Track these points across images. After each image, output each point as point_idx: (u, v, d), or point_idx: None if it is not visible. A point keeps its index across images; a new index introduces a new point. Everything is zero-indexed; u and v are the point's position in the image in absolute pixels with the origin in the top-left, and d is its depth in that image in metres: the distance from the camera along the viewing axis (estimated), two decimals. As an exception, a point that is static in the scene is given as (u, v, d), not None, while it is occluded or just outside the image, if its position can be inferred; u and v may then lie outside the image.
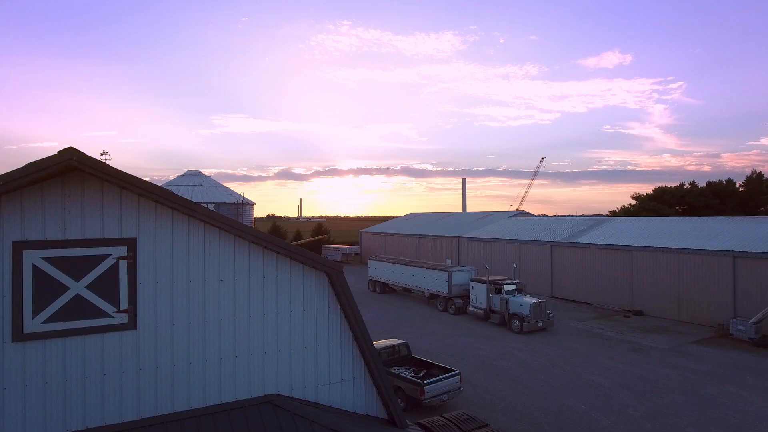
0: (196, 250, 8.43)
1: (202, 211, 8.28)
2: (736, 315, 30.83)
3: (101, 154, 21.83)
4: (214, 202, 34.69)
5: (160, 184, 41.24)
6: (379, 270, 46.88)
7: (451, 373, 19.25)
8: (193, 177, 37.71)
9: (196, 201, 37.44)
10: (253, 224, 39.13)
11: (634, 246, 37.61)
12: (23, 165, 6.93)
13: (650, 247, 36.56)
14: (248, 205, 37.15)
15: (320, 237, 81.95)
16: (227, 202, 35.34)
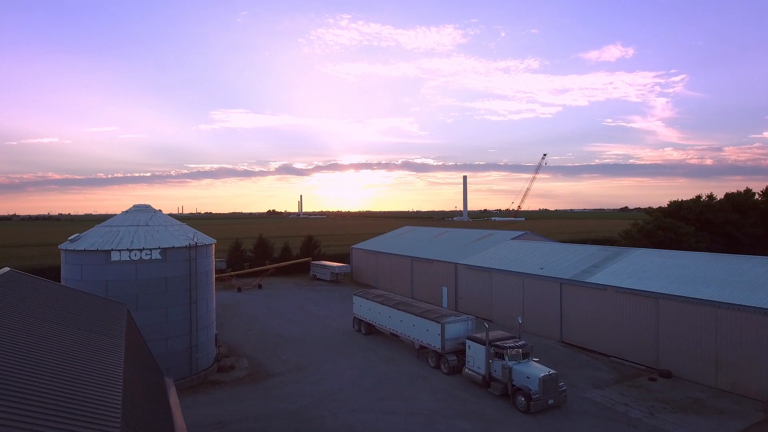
0: None
1: None
2: (791, 392, 25.18)
3: None
4: (159, 247, 29.06)
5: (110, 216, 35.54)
6: (364, 309, 41.23)
7: None
8: (140, 214, 31.86)
9: (138, 245, 31.81)
10: (213, 270, 33.47)
11: (661, 293, 31.75)
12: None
13: (680, 296, 30.73)
14: (204, 246, 31.44)
15: (306, 259, 76.40)
16: (176, 246, 29.69)
